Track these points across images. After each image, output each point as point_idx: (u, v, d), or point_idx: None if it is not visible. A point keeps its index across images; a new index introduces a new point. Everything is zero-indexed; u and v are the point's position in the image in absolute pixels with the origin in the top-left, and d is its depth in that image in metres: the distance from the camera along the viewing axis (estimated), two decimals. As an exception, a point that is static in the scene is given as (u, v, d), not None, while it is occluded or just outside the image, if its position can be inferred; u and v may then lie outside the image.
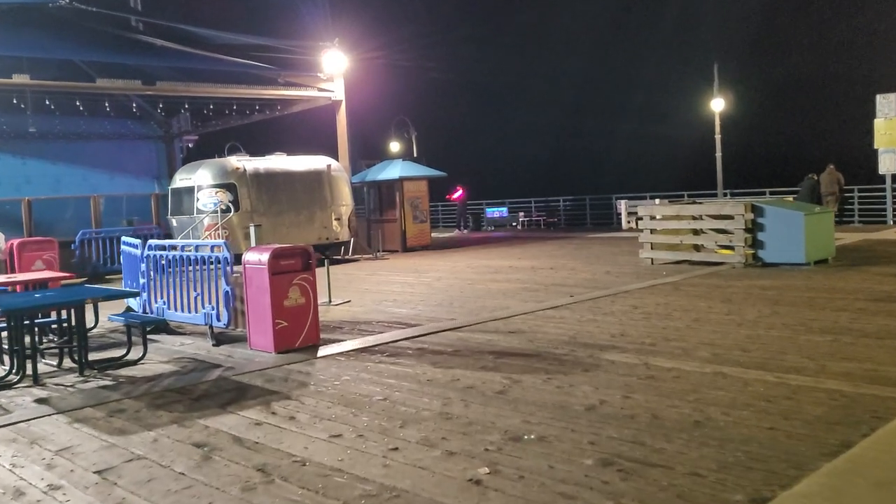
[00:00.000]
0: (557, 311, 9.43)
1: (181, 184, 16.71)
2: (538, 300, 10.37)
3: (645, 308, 9.26)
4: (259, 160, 17.18)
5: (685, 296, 10.11)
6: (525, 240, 22.57)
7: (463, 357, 7.04)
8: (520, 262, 15.92)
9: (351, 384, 6.19)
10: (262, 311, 7.65)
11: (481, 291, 11.58)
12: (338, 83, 19.56)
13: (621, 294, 10.54)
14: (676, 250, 14.14)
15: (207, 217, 15.96)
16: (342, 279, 14.35)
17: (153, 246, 9.15)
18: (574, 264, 14.83)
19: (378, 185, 21.07)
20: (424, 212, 20.89)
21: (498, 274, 13.81)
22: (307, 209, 17.50)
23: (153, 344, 8.49)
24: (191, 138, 28.73)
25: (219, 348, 8.04)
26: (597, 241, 20.55)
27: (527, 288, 11.68)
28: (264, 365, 7.07)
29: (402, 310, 10.19)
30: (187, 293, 8.70)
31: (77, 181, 25.42)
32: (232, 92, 18.18)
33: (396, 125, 31.35)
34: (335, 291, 12.25)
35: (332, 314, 10.11)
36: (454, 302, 10.62)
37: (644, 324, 8.23)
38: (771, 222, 12.57)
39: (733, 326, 7.85)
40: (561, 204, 29.03)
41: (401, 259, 18.47)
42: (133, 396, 6.12)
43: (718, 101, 24.02)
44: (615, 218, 26.66)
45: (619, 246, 18.49)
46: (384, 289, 12.62)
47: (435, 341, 7.88)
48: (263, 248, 7.83)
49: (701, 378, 5.85)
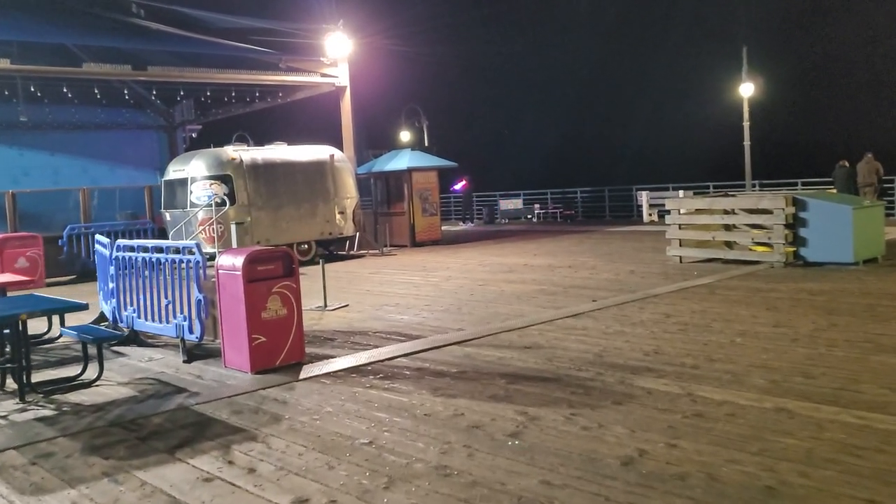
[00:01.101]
0: (579, 319, 8.31)
1: (174, 175, 15.70)
2: (556, 306, 9.26)
3: (679, 317, 8.12)
4: (257, 150, 16.13)
5: (723, 301, 8.95)
6: (541, 234, 21.42)
7: (469, 381, 5.95)
8: (535, 259, 14.79)
9: (332, 419, 5.13)
10: (236, 324, 6.60)
11: (493, 294, 10.48)
12: (342, 68, 18.46)
13: (650, 299, 9.40)
14: (706, 247, 12.96)
15: (201, 211, 14.95)
16: (343, 278, 13.29)
17: (122, 246, 8.13)
18: (594, 262, 13.68)
19: (385, 177, 19.98)
20: (434, 204, 19.78)
21: (512, 273, 12.69)
22: (309, 202, 16.45)
23: (118, 358, 7.48)
24: (194, 128, 27.78)
25: (190, 366, 7.01)
26: (617, 236, 19.36)
27: (544, 290, 10.56)
28: (236, 390, 6.02)
29: (404, 316, 9.11)
30: (158, 301, 7.67)
31: (77, 173, 24.52)
32: (229, 77, 17.13)
33: (407, 113, 30.25)
34: (334, 293, 11.19)
35: (325, 321, 9.05)
36: (463, 307, 9.52)
37: (681, 338, 7.10)
38: (815, 217, 11.36)
39: (787, 343, 6.70)
40: (578, 195, 27.80)
41: (409, 255, 17.40)
42: (71, 433, 5.09)
43: (747, 86, 22.64)
44: (636, 210, 25.43)
45: (642, 241, 17.30)
46: (387, 290, 11.55)
47: (438, 359, 6.80)
48: (239, 250, 6.76)
49: (761, 417, 4.72)
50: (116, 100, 23.79)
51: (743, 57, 22.41)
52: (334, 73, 18.42)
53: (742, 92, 22.85)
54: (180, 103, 25.92)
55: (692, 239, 12.98)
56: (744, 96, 22.81)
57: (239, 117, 26.22)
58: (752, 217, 12.27)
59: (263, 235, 15.56)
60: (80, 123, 24.53)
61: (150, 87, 22.13)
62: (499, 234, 22.51)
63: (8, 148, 23.55)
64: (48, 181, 23.45)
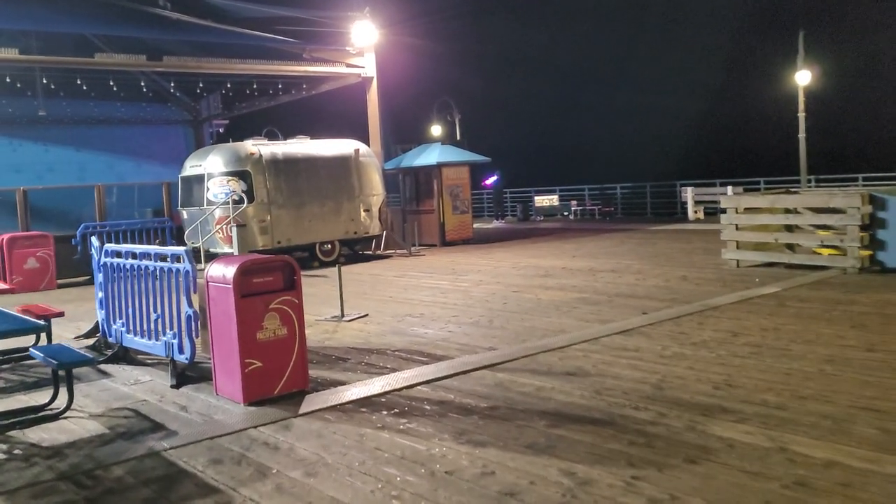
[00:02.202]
0: (629, 337, 7.18)
1: (191, 171, 14.88)
2: (601, 318, 8.13)
3: (748, 335, 6.94)
4: (278, 144, 15.22)
5: (798, 316, 7.73)
6: (578, 232, 20.20)
7: (501, 422, 4.89)
8: (574, 261, 13.63)
9: (330, 477, 4.10)
10: (227, 346, 5.62)
11: (529, 304, 9.38)
12: (368, 58, 17.47)
13: (709, 312, 8.21)
14: (765, 250, 11.69)
15: (218, 209, 14.09)
16: (366, 282, 12.31)
17: (109, 251, 7.22)
18: (640, 265, 12.48)
19: (414, 172, 18.95)
20: (466, 201, 18.70)
21: (549, 278, 11.57)
22: (332, 199, 15.50)
23: (101, 380, 6.57)
24: (221, 123, 27.11)
25: (177, 392, 6.06)
26: (661, 235, 18.07)
27: (585, 299, 9.43)
28: (221, 428, 5.04)
29: (428, 330, 8.07)
30: (147, 315, 6.75)
31: (102, 169, 23.99)
32: (250, 68, 16.25)
33: (438, 107, 29.23)
34: (354, 299, 10.21)
35: (340, 335, 8.06)
36: (494, 319, 8.45)
37: (755, 364, 5.93)
38: (895, 217, 10.04)
39: (891, 374, 5.50)
40: (618, 191, 26.45)
41: (438, 255, 16.36)
42: (8, 490, 4.15)
43: (804, 74, 21.05)
44: (679, 207, 24.03)
45: (690, 241, 16.01)
46: (412, 297, 10.52)
47: (465, 388, 5.74)
48: (232, 259, 5.78)
49: (886, 489, 3.58)
50: (140, 94, 23.16)
51: (799, 42, 20.84)
52: (360, 63, 17.44)
53: (798, 80, 21.27)
54: (206, 97, 25.23)
55: (750, 241, 11.72)
56: (799, 85, 21.24)
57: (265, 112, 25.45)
58: (820, 217, 10.98)
59: (284, 235, 14.66)
60: (105, 118, 23.99)
61: (172, 80, 21.37)
62: (533, 232, 21.36)
63: (33, 143, 23.07)
64: (73, 177, 22.93)
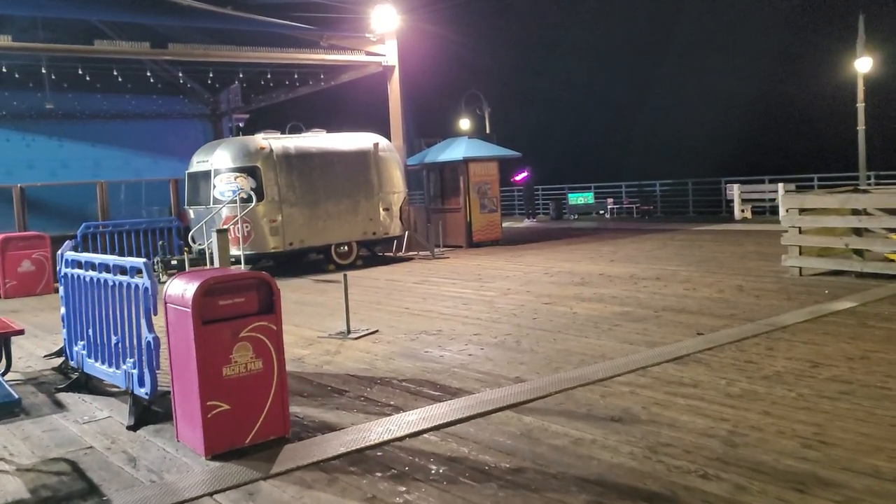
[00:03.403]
0: (684, 366, 5.95)
1: (198, 167, 13.91)
2: (648, 340, 6.90)
3: (832, 366, 5.66)
4: (291, 138, 14.17)
5: (888, 341, 6.41)
6: (616, 233, 18.87)
7: (527, 494, 3.71)
8: (613, 266, 12.36)
9: (288, 587, 2.98)
10: (187, 384, 4.54)
11: (562, 319, 8.17)
12: (390, 45, 16.35)
13: (778, 333, 6.92)
14: (831, 256, 10.31)
15: (225, 208, 13.10)
16: (382, 289, 11.20)
17: (69, 261, 6.20)
18: (688, 272, 11.17)
19: (439, 168, 17.79)
20: (494, 199, 17.49)
21: (585, 287, 10.33)
22: (349, 198, 14.42)
23: (52, 416, 5.55)
24: (241, 117, 26.25)
25: (133, 436, 4.99)
26: (708, 237, 16.67)
27: (628, 314, 8.19)
28: (170, 496, 3.95)
29: (445, 352, 6.91)
30: (108, 337, 5.70)
31: (118, 165, 23.26)
32: (262, 56, 15.24)
33: (467, 100, 28.03)
34: (366, 310, 9.11)
35: (342, 357, 6.94)
36: (522, 339, 7.26)
37: (850, 410, 4.67)
38: None
39: None
40: (657, 188, 24.98)
41: (463, 258, 15.20)
42: None
43: (864, 61, 19.39)
44: (724, 206, 22.51)
45: (741, 243, 14.60)
46: (430, 308, 9.37)
47: (483, 438, 4.58)
48: (195, 273, 4.68)
49: None
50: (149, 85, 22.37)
51: (859, 26, 19.18)
52: (381, 51, 16.33)
53: (857, 67, 19.61)
54: (225, 90, 24.39)
55: (814, 246, 10.35)
56: (859, 72, 19.57)
57: (286, 105, 24.56)
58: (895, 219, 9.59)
59: (297, 236, 13.63)
60: (118, 112, 23.26)
61: (181, 70, 20.43)
62: (567, 232, 20.07)
63: (48, 139, 22.42)
64: (88, 173, 22.21)
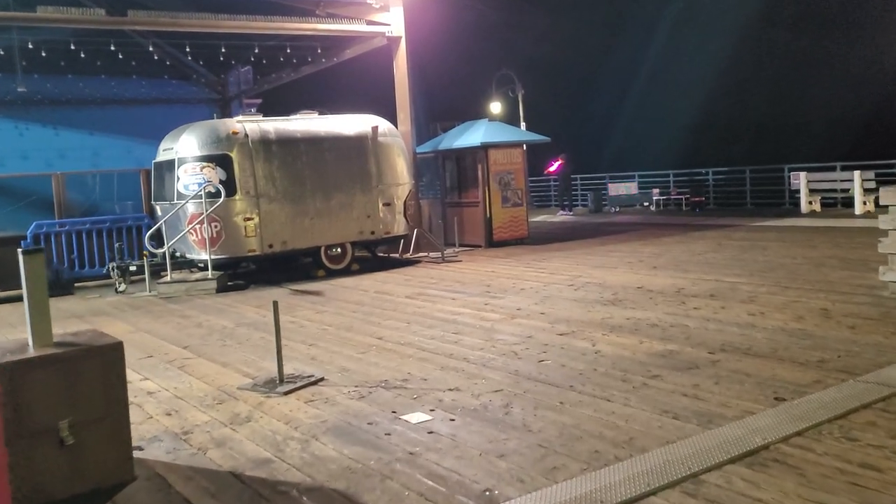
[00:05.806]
0: (763, 471, 3.60)
1: (163, 156, 11.95)
2: (701, 409, 4.55)
3: None
4: (272, 121, 12.06)
5: None
6: (661, 229, 16.34)
7: None
8: (655, 275, 9.95)
9: None
10: None
11: (579, 363, 5.85)
12: (395, 14, 14.10)
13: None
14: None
15: (190, 204, 11.08)
16: (363, 306, 9.02)
17: None
18: (751, 285, 8.69)
19: (455, 156, 15.51)
20: (519, 191, 15.12)
21: (616, 307, 7.97)
22: (342, 191, 12.27)
23: None
24: (252, 101, 24.37)
25: None
26: (771, 234, 14.05)
27: (672, 356, 5.83)
28: None
29: (396, 426, 4.67)
30: None
31: (119, 154, 21.57)
32: (241, 25, 13.13)
33: (498, 81, 25.61)
34: (325, 342, 6.96)
35: (248, 430, 4.77)
36: (514, 402, 4.98)
37: None
38: None
39: None
40: (710, 178, 22.20)
41: (478, 261, 12.93)
42: None
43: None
44: (788, 197, 19.71)
45: (814, 245, 11.97)
46: (409, 339, 7.13)
47: None
48: None
49: None
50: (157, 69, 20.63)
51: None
52: (385, 20, 14.09)
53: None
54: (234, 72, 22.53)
55: (925, 253, 7.79)
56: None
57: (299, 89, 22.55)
58: None
59: (277, 237, 11.54)
60: (121, 98, 21.61)
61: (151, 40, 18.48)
62: (606, 228, 17.61)
63: (42, 127, 20.85)
64: (87, 163, 20.60)
